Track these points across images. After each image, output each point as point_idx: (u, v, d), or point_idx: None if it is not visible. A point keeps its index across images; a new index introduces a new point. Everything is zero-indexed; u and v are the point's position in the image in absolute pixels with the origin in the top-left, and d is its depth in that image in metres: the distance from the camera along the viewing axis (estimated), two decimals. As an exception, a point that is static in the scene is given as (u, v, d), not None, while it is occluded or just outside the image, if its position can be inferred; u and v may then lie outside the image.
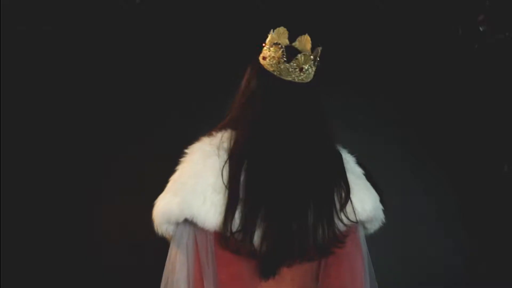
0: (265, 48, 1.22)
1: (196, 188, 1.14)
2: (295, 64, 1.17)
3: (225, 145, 1.16)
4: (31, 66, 2.16)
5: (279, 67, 1.18)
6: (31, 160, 2.13)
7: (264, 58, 1.21)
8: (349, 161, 1.26)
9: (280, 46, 1.18)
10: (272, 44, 1.20)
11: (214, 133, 1.23)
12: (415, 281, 2.18)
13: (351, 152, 1.29)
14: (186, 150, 1.23)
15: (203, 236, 1.15)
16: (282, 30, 1.23)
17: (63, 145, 2.16)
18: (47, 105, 2.17)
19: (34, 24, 2.13)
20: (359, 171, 1.26)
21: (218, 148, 1.16)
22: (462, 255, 2.23)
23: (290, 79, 1.18)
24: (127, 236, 2.14)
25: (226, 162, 1.13)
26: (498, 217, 2.23)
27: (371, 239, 1.29)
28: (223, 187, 1.11)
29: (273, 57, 1.19)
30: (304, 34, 1.24)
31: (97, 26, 2.19)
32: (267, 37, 1.23)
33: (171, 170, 2.15)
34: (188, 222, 1.15)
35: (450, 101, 2.30)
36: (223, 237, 1.11)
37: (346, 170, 1.19)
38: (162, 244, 2.13)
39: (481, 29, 2.22)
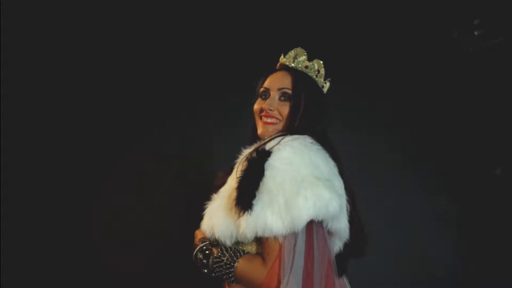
0: (326, 81, 1.39)
1: (340, 188, 1.16)
2: None
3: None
4: (34, 66, 2.16)
5: None
6: (32, 160, 2.13)
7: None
8: None
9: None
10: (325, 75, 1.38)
11: (305, 136, 1.22)
12: (410, 281, 2.20)
13: (352, 152, 1.31)
14: (287, 145, 1.16)
15: (322, 237, 1.12)
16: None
17: (64, 145, 2.16)
18: (49, 105, 2.17)
19: (41, 26, 2.14)
20: None
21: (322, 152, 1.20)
22: (455, 256, 2.26)
23: None
24: (126, 236, 2.14)
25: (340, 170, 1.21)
26: (489, 218, 2.26)
27: (371, 239, 1.31)
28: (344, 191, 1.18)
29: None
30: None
31: (100, 27, 2.20)
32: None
33: (171, 170, 2.21)
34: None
35: (446, 103, 2.33)
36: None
37: None
38: (161, 244, 2.16)
39: (476, 33, 2.23)
